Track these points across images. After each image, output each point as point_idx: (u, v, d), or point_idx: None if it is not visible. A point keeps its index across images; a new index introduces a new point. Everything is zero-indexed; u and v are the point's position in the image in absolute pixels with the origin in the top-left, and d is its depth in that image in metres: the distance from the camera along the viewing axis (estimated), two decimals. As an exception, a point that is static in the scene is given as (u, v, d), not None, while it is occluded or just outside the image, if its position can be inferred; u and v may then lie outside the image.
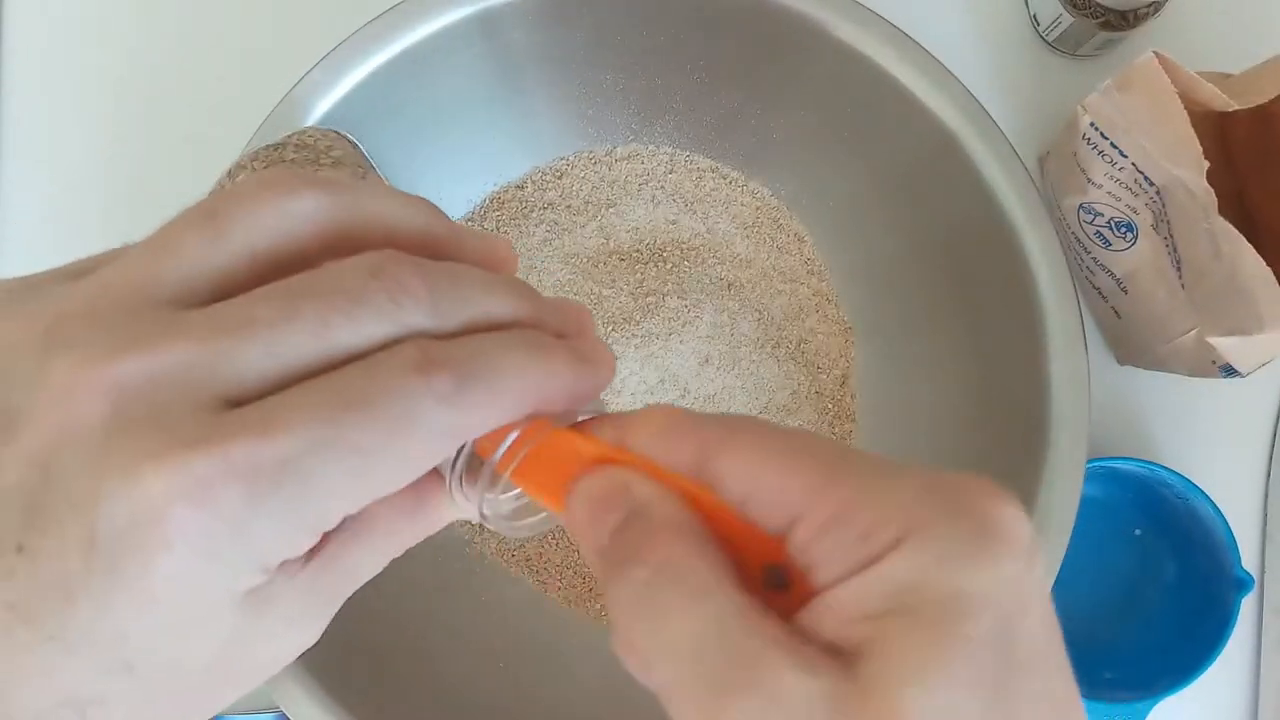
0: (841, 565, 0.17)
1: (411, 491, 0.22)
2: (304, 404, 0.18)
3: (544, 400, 0.20)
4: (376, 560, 0.23)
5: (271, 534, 0.18)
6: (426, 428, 0.18)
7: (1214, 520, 0.48)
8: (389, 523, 0.23)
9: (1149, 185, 0.42)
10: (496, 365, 0.20)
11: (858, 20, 0.43)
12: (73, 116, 0.54)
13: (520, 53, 0.46)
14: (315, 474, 0.18)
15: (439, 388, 0.19)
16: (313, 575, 0.21)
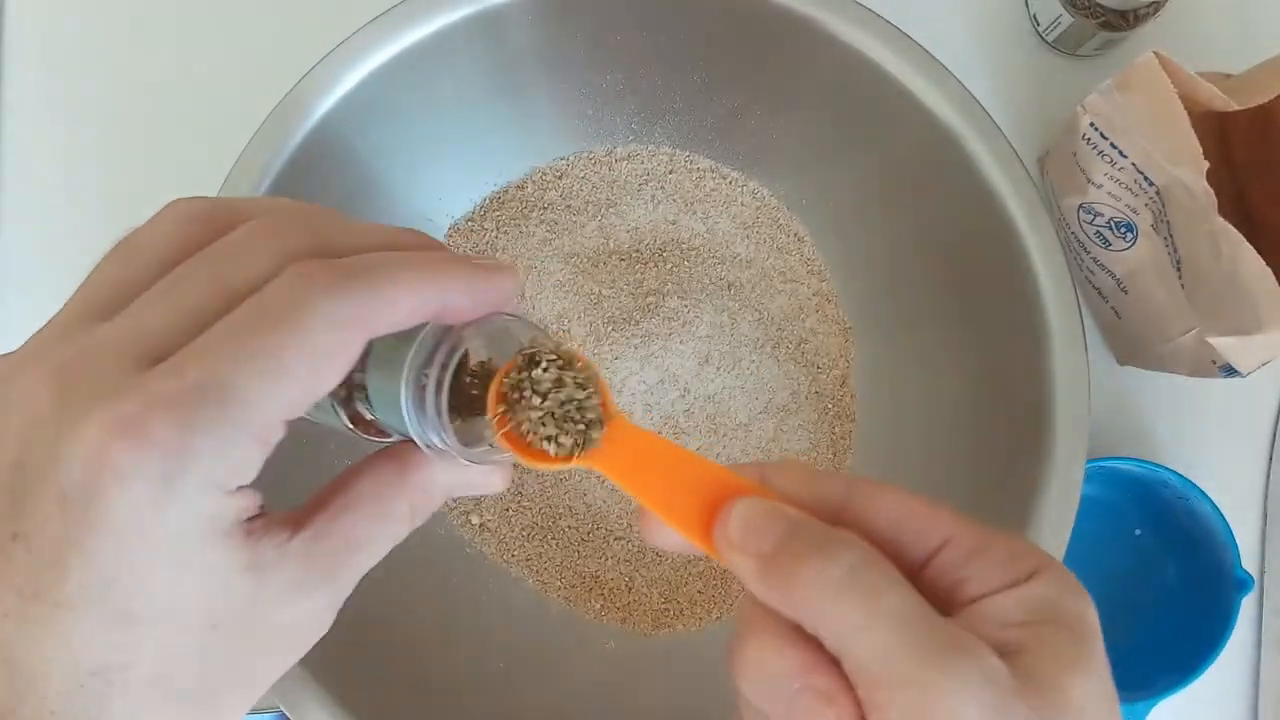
0: (992, 581, 0.21)
1: (394, 464, 0.24)
2: (209, 336, 0.20)
3: (439, 294, 0.22)
4: (374, 530, 0.24)
5: (213, 449, 0.20)
6: (321, 318, 0.20)
7: (1214, 520, 0.48)
8: (375, 490, 0.24)
9: (1149, 185, 0.42)
10: (378, 260, 0.22)
11: (858, 20, 0.43)
12: (72, 116, 0.54)
13: (520, 53, 0.46)
14: (231, 384, 0.20)
15: (320, 279, 0.21)
16: (306, 544, 0.22)
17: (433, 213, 0.50)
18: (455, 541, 0.49)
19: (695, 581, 0.49)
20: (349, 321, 0.21)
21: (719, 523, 0.23)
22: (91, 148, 0.54)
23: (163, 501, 0.19)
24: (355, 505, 0.24)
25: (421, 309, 0.22)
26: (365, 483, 0.24)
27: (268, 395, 0.20)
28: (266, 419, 0.20)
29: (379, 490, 0.24)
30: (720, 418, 0.50)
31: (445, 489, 0.26)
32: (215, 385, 0.19)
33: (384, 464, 0.25)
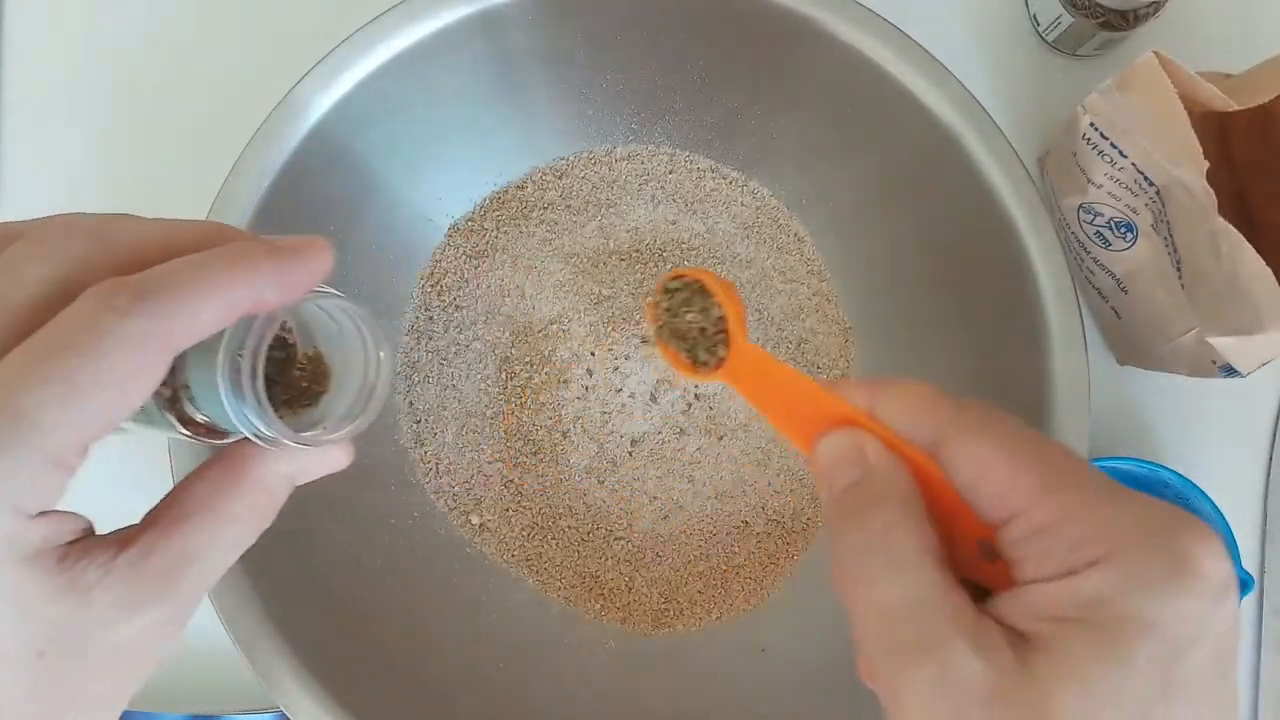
0: (1045, 568, 0.20)
1: (224, 467, 0.24)
2: (3, 363, 0.20)
3: (247, 292, 0.22)
4: (211, 538, 0.23)
5: (6, 475, 0.19)
6: (117, 342, 0.20)
7: (1214, 520, 0.48)
8: (206, 495, 0.24)
9: (1149, 185, 0.42)
10: (177, 270, 0.21)
11: (858, 20, 0.43)
12: (72, 117, 0.54)
13: (520, 53, 0.46)
14: (23, 409, 0.19)
15: (116, 302, 0.20)
16: (132, 561, 0.22)
17: (433, 213, 0.50)
18: (455, 541, 0.49)
19: (695, 581, 0.49)
20: (148, 340, 0.20)
21: (814, 449, 0.25)
22: (91, 148, 0.54)
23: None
24: (186, 514, 0.23)
25: (229, 312, 0.22)
26: (195, 490, 0.24)
27: (62, 420, 0.20)
28: (63, 443, 0.20)
29: (210, 495, 0.24)
30: (720, 418, 0.50)
31: (286, 479, 0.25)
32: (8, 412, 0.19)
33: (213, 467, 0.24)
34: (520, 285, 0.51)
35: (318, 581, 0.43)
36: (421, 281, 0.50)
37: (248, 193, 0.41)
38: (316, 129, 0.42)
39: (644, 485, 0.50)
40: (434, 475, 0.49)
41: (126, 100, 0.54)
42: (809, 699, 0.45)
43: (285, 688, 0.39)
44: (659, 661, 0.48)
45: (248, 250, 0.22)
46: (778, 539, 0.50)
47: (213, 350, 0.22)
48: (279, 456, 0.25)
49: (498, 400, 0.50)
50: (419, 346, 0.50)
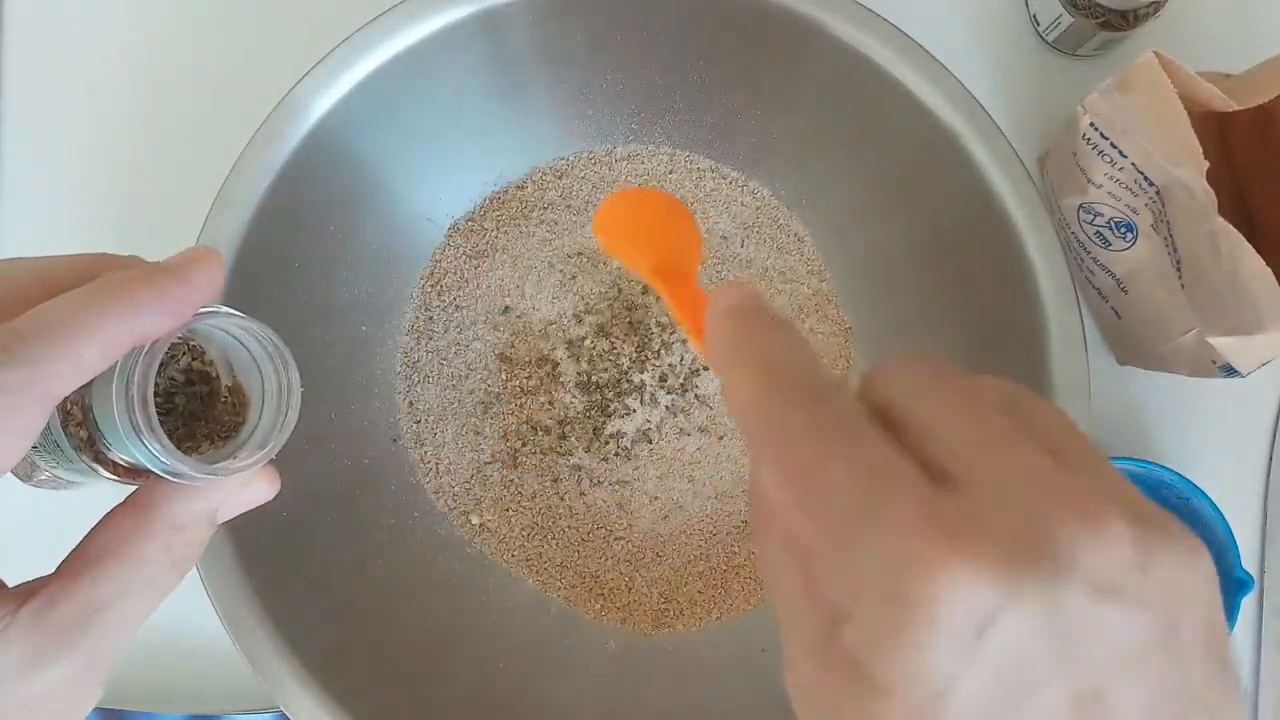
0: None
1: (129, 510, 0.23)
2: None
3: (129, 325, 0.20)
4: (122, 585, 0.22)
5: None
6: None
7: (1214, 520, 0.48)
8: (114, 539, 0.22)
9: (1149, 185, 0.42)
10: (53, 311, 0.20)
11: (858, 20, 0.43)
12: (72, 116, 0.54)
13: (520, 52, 0.46)
14: None
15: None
16: (35, 614, 0.21)
17: (433, 213, 0.50)
18: (455, 541, 0.49)
19: (695, 581, 0.49)
20: (22, 387, 0.19)
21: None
22: (91, 149, 0.53)
23: None
24: (95, 561, 0.22)
25: (113, 350, 0.20)
26: (102, 535, 0.22)
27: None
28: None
29: (119, 539, 0.22)
30: (719, 418, 0.50)
31: (203, 516, 0.24)
32: None
33: (122, 510, 0.23)
34: (520, 285, 0.50)
35: (317, 581, 0.43)
36: (421, 281, 0.50)
37: (248, 193, 0.41)
38: (316, 129, 0.42)
39: (644, 485, 0.50)
40: (434, 475, 0.49)
41: (126, 100, 0.54)
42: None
43: (285, 688, 0.39)
44: (659, 661, 0.48)
45: (124, 281, 0.21)
46: (778, 539, 0.49)
47: (109, 385, 0.21)
48: (191, 493, 0.23)
49: (497, 400, 0.50)
50: (419, 346, 0.50)
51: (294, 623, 0.39)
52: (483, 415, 0.50)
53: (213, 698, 0.49)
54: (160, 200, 0.52)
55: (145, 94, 0.54)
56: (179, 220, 0.44)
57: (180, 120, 0.54)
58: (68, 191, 0.53)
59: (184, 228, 0.41)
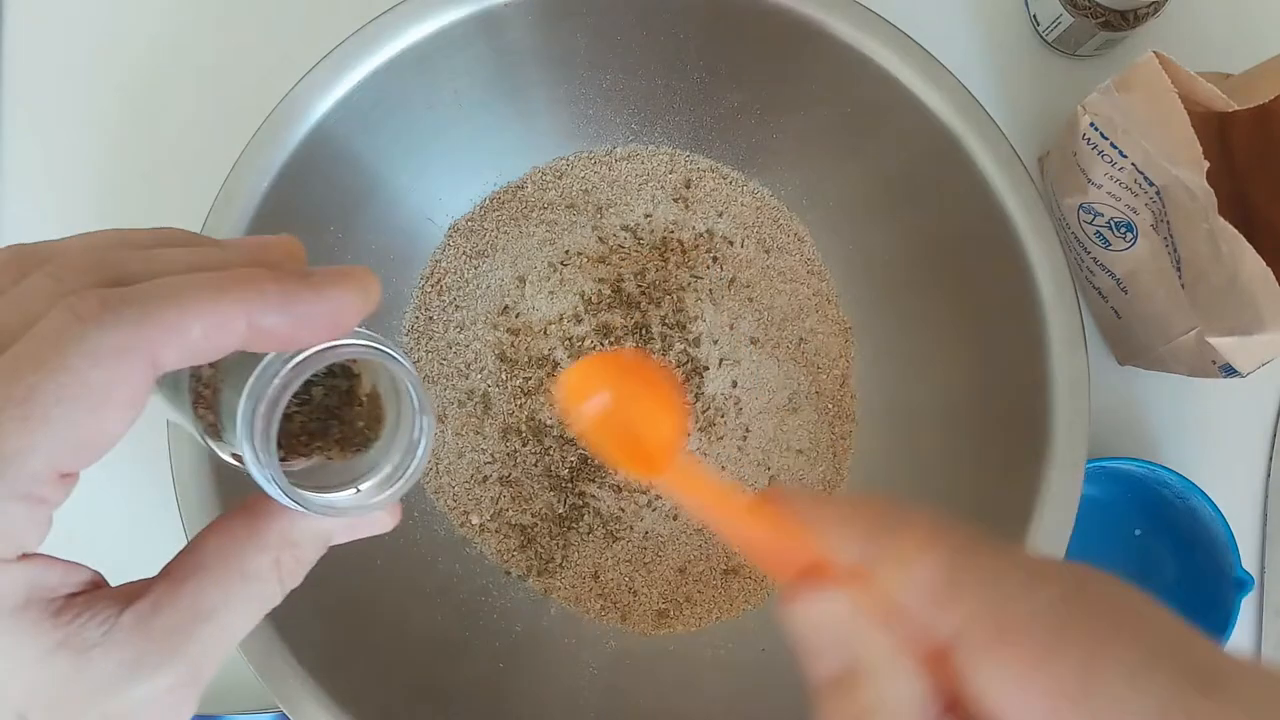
0: None
1: (243, 517, 0.22)
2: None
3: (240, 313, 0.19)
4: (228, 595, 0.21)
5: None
6: (83, 352, 0.17)
7: (1214, 520, 0.48)
8: (225, 547, 0.21)
9: (1149, 185, 0.42)
10: (163, 282, 0.19)
11: (858, 20, 0.43)
12: (72, 117, 0.54)
13: (520, 53, 0.46)
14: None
15: (84, 310, 0.18)
16: (140, 618, 0.19)
17: (433, 212, 0.50)
18: (455, 541, 0.49)
19: (695, 582, 0.49)
20: (121, 352, 0.18)
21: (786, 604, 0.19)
22: (91, 147, 0.53)
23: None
24: (202, 568, 0.21)
25: (222, 335, 0.19)
26: (213, 541, 0.21)
27: (27, 447, 0.17)
28: (33, 473, 0.17)
29: (230, 547, 0.21)
30: (720, 418, 0.50)
31: (318, 536, 0.23)
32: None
33: (234, 517, 0.22)
34: (520, 285, 0.50)
35: (317, 581, 0.43)
36: (421, 281, 0.50)
37: (248, 192, 0.41)
38: (317, 129, 0.42)
39: (644, 485, 0.49)
40: (434, 475, 0.49)
41: (127, 100, 0.54)
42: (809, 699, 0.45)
43: (286, 688, 0.39)
44: (659, 661, 0.48)
45: (254, 273, 0.20)
46: (778, 539, 0.49)
47: (237, 394, 0.20)
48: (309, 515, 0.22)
49: (497, 400, 0.50)
50: (419, 346, 0.50)
51: (294, 623, 0.39)
52: (483, 415, 0.50)
53: (213, 698, 0.49)
54: (161, 199, 0.52)
55: (145, 93, 0.54)
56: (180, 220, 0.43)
57: (181, 120, 0.54)
58: (67, 191, 0.53)
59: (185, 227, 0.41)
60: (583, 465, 0.49)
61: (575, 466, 0.49)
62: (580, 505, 0.49)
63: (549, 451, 0.49)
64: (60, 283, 0.19)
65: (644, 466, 0.23)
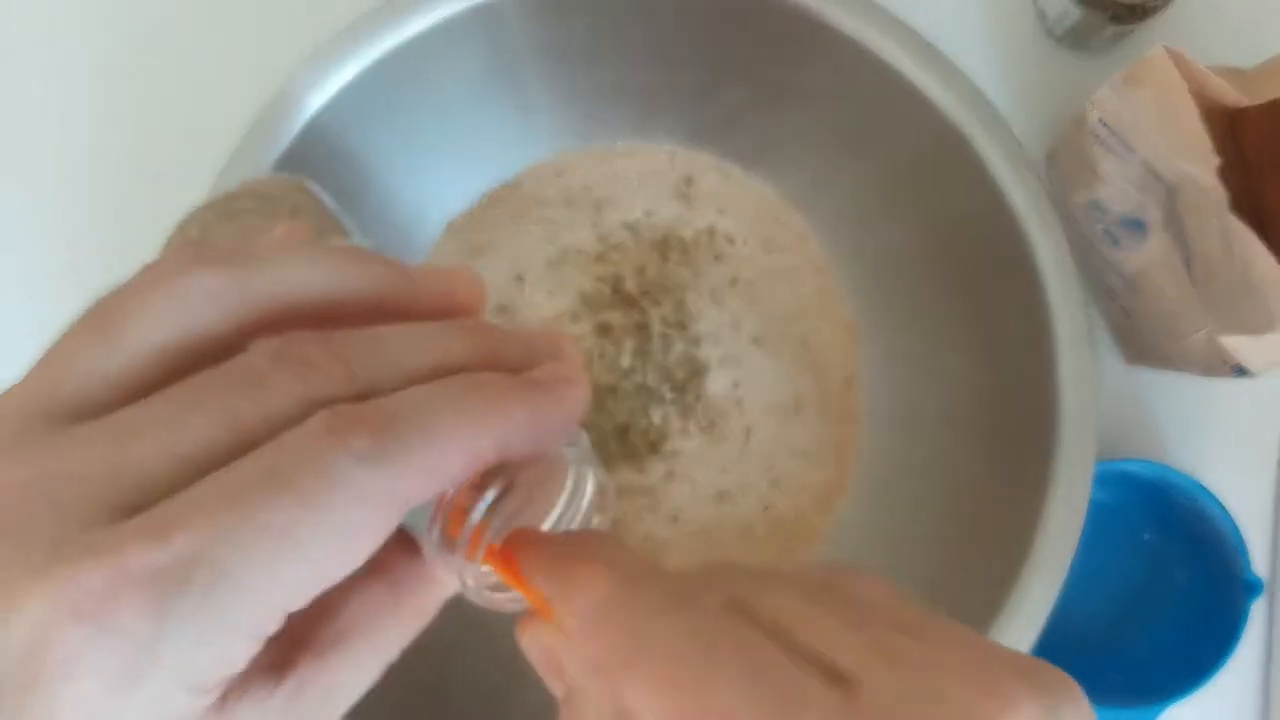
0: None
1: (385, 584, 0.21)
2: (205, 495, 0.16)
3: (497, 444, 0.18)
4: (364, 673, 0.20)
5: (193, 646, 0.16)
6: (350, 493, 0.16)
7: (1224, 523, 0.47)
8: (367, 619, 0.20)
9: (1159, 182, 0.41)
10: (427, 413, 0.18)
11: (862, 15, 0.43)
12: (63, 112, 0.54)
13: (519, 48, 0.46)
14: (227, 568, 0.16)
15: (356, 445, 0.16)
16: (288, 698, 0.19)
17: (430, 209, 0.50)
18: (453, 543, 0.49)
19: (696, 584, 0.49)
20: (384, 496, 0.17)
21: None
22: (82, 145, 0.53)
23: (122, 704, 0.15)
24: (343, 641, 0.20)
25: (475, 464, 0.18)
26: (354, 609, 0.20)
27: (269, 581, 0.16)
28: (265, 609, 0.16)
29: (371, 621, 0.20)
30: (720, 419, 0.49)
31: (441, 601, 0.22)
32: (207, 563, 0.15)
33: (374, 584, 0.21)
34: (518, 283, 0.50)
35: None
36: (419, 280, 0.50)
37: (241, 190, 0.41)
38: (312, 124, 0.42)
39: (644, 487, 0.49)
40: (432, 476, 0.49)
41: (118, 96, 0.54)
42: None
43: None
44: (659, 665, 0.48)
45: (499, 391, 0.19)
46: (780, 542, 0.49)
47: None
48: (448, 586, 0.21)
49: (496, 400, 0.49)
50: (417, 346, 0.50)
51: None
52: (481, 415, 0.49)
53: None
54: (153, 196, 0.52)
55: (137, 90, 0.54)
56: (172, 217, 0.43)
57: (173, 115, 0.53)
58: (58, 188, 0.53)
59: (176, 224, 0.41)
60: (582, 466, 0.49)
61: (575, 468, 0.49)
62: (580, 507, 0.49)
63: (548, 452, 0.49)
64: (307, 385, 0.17)
65: None
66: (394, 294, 0.20)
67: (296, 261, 0.19)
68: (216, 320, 0.18)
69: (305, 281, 0.19)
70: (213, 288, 0.18)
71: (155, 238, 0.43)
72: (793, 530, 0.49)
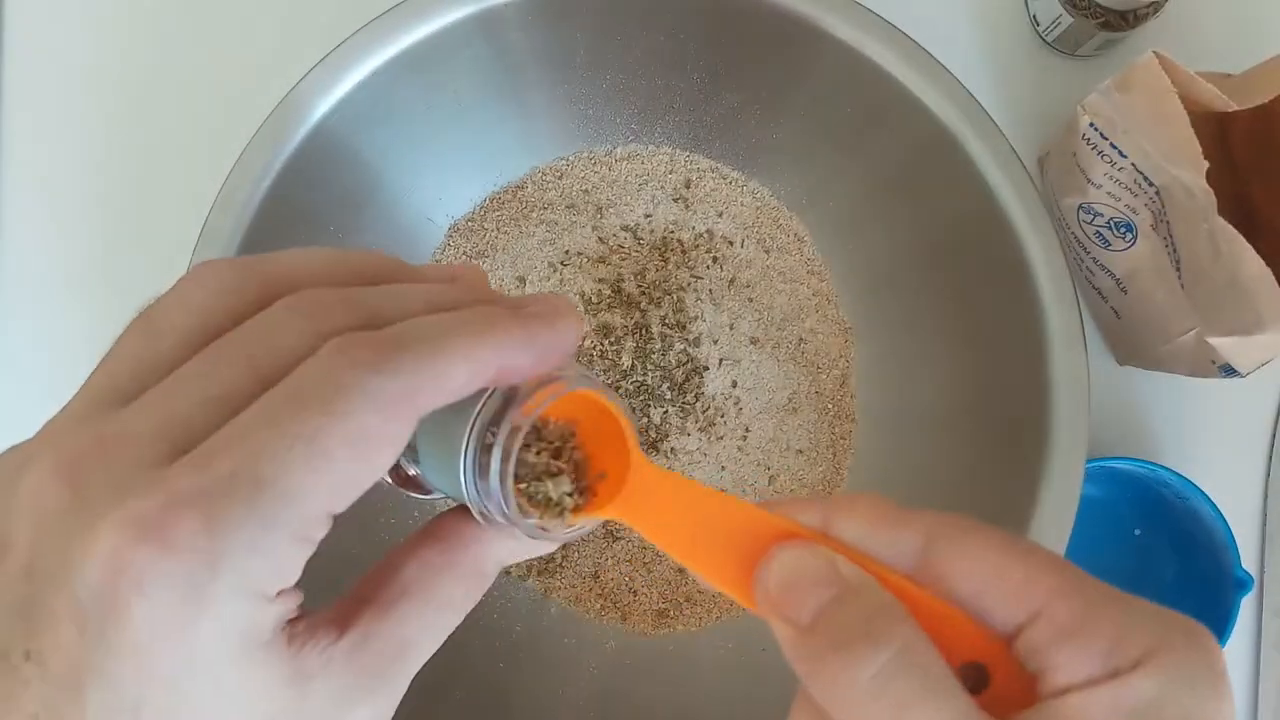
0: (1082, 671, 0.18)
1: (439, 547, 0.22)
2: (238, 424, 0.18)
3: (496, 357, 0.20)
4: (427, 625, 0.22)
5: (246, 552, 0.17)
6: (365, 400, 0.18)
7: (1213, 520, 0.48)
8: (424, 577, 0.22)
9: (1148, 185, 0.42)
10: (425, 327, 0.20)
11: (858, 21, 0.43)
12: (72, 118, 0.54)
13: (520, 53, 0.46)
14: (265, 475, 0.17)
15: (360, 356, 0.18)
16: (353, 648, 0.20)
17: (433, 212, 0.50)
18: (455, 541, 0.49)
19: (695, 582, 0.49)
20: (397, 399, 0.18)
21: (758, 572, 0.20)
22: (92, 149, 0.54)
23: (192, 614, 0.17)
24: (405, 598, 0.21)
25: (480, 377, 0.20)
26: (412, 570, 0.22)
27: (308, 486, 0.18)
28: (308, 513, 0.18)
29: (429, 577, 0.22)
30: (719, 418, 0.50)
31: (500, 564, 0.23)
32: (248, 477, 0.17)
33: (427, 545, 0.23)
34: (520, 285, 0.50)
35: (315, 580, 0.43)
36: (421, 281, 0.50)
37: (248, 193, 0.41)
38: (317, 129, 0.42)
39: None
40: (434, 475, 0.49)
41: (126, 102, 0.54)
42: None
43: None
44: (659, 661, 0.48)
45: (495, 314, 0.21)
46: (778, 539, 0.49)
47: (453, 423, 0.21)
48: (498, 539, 0.23)
49: (498, 400, 0.50)
50: (419, 346, 0.50)
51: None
52: (483, 415, 0.50)
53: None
54: (161, 199, 0.52)
55: (146, 94, 0.54)
56: (180, 219, 0.44)
57: (181, 120, 0.54)
58: (68, 191, 0.53)
59: (184, 227, 0.41)
60: (583, 465, 0.49)
61: (575, 466, 0.49)
62: (580, 505, 0.49)
63: (549, 451, 0.49)
64: (314, 320, 0.20)
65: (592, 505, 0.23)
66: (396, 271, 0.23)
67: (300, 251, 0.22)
68: (236, 302, 0.20)
69: (309, 265, 0.22)
70: (229, 275, 0.21)
71: (164, 238, 0.44)
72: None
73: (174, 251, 0.41)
